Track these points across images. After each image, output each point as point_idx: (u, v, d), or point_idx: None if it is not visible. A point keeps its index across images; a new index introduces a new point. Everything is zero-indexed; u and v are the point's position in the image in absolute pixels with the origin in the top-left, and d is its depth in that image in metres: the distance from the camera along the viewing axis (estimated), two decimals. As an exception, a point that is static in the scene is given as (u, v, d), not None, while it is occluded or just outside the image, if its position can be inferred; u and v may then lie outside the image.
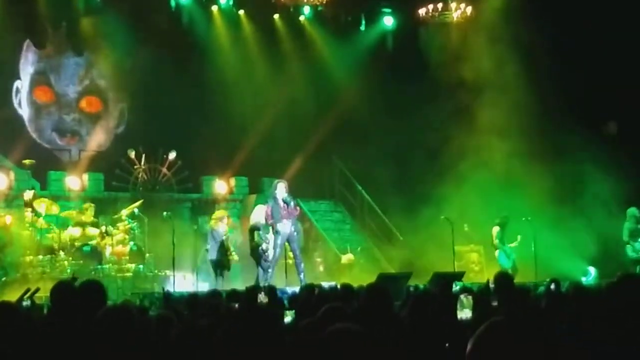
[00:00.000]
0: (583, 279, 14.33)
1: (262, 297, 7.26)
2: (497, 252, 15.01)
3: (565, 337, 3.88)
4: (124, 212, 15.10)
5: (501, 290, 6.52)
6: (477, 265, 16.92)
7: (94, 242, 14.51)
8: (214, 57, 18.02)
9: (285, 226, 13.16)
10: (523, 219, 14.88)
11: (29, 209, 14.72)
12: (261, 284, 12.04)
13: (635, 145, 15.82)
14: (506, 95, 16.29)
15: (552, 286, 7.86)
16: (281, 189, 13.26)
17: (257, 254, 13.50)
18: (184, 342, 4.12)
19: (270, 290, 8.20)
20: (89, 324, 3.96)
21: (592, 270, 15.56)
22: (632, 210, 14.81)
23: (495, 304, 6.02)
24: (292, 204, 13.20)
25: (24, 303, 6.68)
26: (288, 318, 5.32)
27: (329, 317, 4.22)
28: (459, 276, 12.61)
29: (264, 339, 2.85)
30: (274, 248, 13.16)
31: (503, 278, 6.95)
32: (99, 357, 3.75)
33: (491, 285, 6.79)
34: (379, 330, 4.24)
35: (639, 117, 16.22)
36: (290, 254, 13.82)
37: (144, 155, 16.75)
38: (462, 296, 6.27)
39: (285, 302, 8.21)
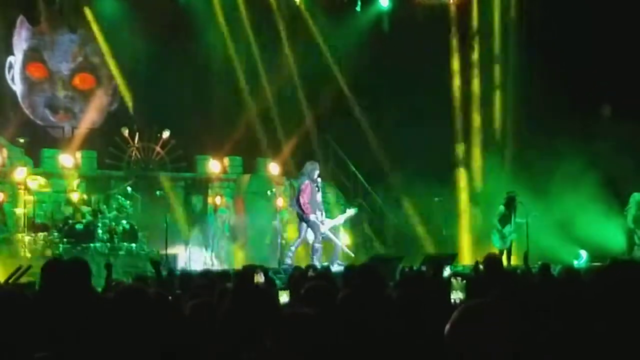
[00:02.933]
0: (575, 262, 14.36)
1: (259, 277, 7.27)
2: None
3: (554, 320, 3.91)
4: (117, 191, 15.11)
5: (490, 272, 6.57)
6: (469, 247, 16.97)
7: (86, 220, 14.50)
8: (209, 36, 17.89)
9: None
10: (519, 202, 14.82)
11: (22, 187, 14.68)
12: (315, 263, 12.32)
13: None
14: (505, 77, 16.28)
15: (545, 268, 7.91)
16: (316, 171, 13.32)
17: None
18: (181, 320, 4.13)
19: (263, 271, 8.21)
20: (75, 302, 3.95)
21: (584, 253, 15.56)
22: (636, 195, 14.57)
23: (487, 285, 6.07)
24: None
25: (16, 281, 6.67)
26: (284, 297, 5.35)
27: (311, 296, 4.24)
28: (450, 258, 12.64)
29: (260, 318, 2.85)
30: (299, 230, 13.31)
31: (491, 260, 6.99)
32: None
33: (481, 267, 6.85)
34: (372, 311, 4.26)
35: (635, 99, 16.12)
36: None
37: (137, 134, 16.70)
38: (452, 279, 6.32)
39: (278, 281, 8.24)
